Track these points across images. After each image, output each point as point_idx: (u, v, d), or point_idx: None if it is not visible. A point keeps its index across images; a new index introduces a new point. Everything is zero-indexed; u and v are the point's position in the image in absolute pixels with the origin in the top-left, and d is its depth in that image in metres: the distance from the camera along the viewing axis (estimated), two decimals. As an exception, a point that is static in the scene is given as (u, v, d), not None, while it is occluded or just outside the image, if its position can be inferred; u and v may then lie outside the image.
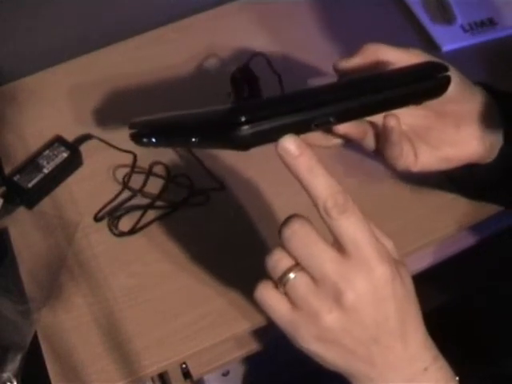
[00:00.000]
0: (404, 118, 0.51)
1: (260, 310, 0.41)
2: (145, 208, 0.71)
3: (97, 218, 0.71)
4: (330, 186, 0.38)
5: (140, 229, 0.70)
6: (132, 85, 0.82)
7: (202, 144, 0.40)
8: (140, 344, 0.63)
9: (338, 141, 0.52)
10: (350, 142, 0.53)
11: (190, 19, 0.89)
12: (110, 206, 0.72)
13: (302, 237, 0.39)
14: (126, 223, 0.71)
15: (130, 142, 0.44)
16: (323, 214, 0.38)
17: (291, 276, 0.40)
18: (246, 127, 0.37)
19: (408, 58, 0.51)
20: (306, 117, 0.39)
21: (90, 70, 0.84)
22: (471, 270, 0.86)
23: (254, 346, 0.74)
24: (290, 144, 0.38)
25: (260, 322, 0.64)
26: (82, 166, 0.75)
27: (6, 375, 0.61)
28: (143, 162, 0.74)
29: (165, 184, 0.73)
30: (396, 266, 0.40)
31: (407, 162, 0.53)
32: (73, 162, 0.74)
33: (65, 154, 0.74)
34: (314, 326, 0.39)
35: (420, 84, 0.45)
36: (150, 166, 0.74)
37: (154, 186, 0.73)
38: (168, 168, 0.74)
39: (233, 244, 0.69)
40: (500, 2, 0.88)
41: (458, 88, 0.52)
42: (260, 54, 0.77)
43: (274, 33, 0.87)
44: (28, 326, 0.63)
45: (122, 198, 0.72)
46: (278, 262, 0.40)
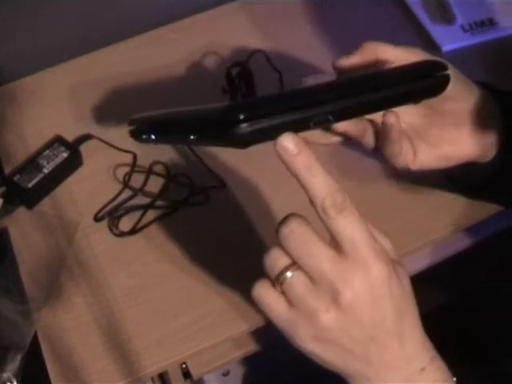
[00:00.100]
0: (403, 116, 0.51)
1: (260, 310, 0.41)
2: (145, 208, 0.71)
3: (97, 218, 0.71)
4: (328, 185, 0.38)
5: (140, 229, 0.70)
6: (132, 85, 0.82)
7: (200, 141, 0.40)
8: (140, 344, 0.63)
9: (336, 139, 0.52)
10: (350, 140, 0.53)
11: (189, 19, 0.89)
12: (110, 205, 0.72)
13: (299, 236, 0.39)
14: (126, 223, 0.71)
15: (130, 141, 0.44)
16: (321, 213, 0.38)
17: (288, 275, 0.39)
18: (245, 125, 0.37)
19: (407, 56, 0.50)
20: (305, 115, 0.38)
21: (89, 70, 0.84)
22: (471, 270, 0.86)
23: (254, 346, 0.74)
24: (288, 142, 0.38)
25: (260, 322, 0.64)
26: (82, 166, 0.75)
27: (5, 375, 0.61)
28: (143, 161, 0.75)
29: (165, 183, 0.73)
30: (393, 265, 0.40)
31: (406, 159, 0.53)
32: (73, 162, 0.74)
33: (65, 154, 0.74)
34: (311, 325, 0.39)
35: (419, 82, 0.45)
36: (150, 166, 0.74)
37: (154, 186, 0.73)
38: (168, 167, 0.74)
39: (233, 244, 0.69)
40: (500, 2, 0.87)
41: (457, 86, 0.52)
42: (259, 51, 0.77)
43: (274, 33, 0.87)
44: (28, 326, 0.63)
45: (121, 198, 0.72)
46: (275, 260, 0.40)
